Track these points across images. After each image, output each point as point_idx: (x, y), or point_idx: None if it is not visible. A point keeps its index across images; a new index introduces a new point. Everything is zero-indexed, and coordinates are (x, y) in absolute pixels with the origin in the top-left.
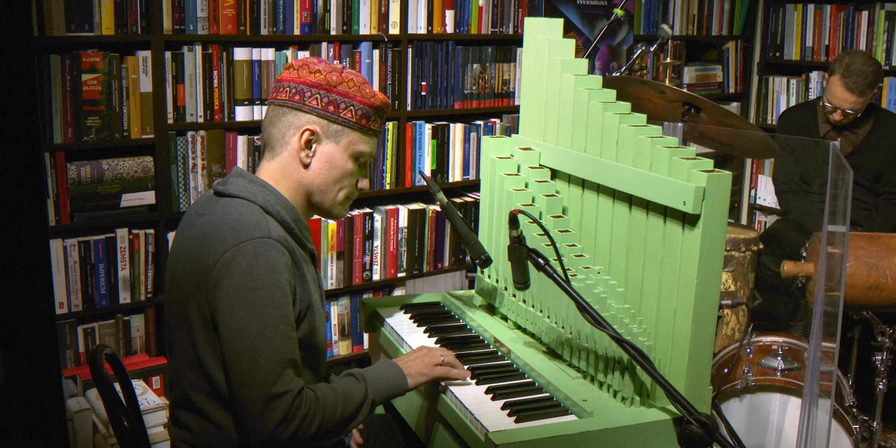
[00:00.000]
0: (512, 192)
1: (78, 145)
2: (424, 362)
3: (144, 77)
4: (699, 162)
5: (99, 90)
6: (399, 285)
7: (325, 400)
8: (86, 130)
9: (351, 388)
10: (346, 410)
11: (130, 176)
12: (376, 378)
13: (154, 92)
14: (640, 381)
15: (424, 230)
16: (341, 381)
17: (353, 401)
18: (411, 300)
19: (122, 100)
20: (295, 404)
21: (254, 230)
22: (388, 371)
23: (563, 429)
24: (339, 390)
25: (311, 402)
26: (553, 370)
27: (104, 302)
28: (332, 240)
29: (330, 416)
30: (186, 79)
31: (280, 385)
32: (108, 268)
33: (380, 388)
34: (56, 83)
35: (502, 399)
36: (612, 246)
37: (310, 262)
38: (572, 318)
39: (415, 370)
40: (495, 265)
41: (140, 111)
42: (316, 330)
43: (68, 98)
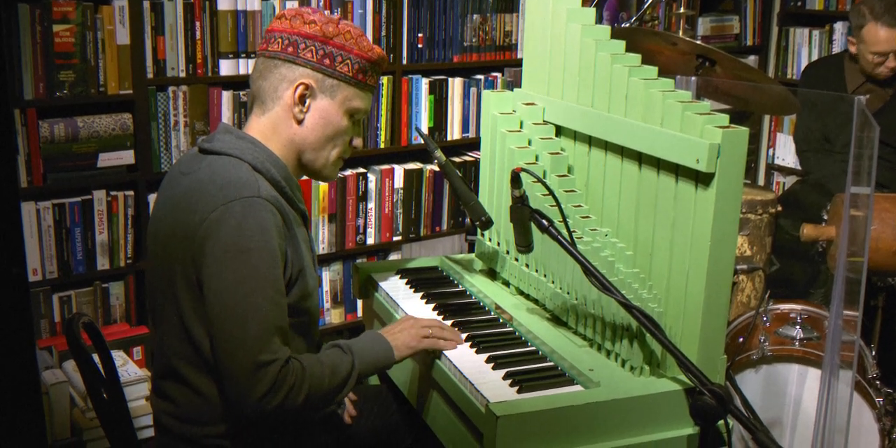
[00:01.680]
0: (514, 150)
1: (50, 102)
2: (411, 334)
3: (121, 28)
4: (714, 117)
5: (72, 42)
6: (394, 249)
7: (312, 371)
8: (58, 85)
9: (337, 360)
10: (333, 382)
11: (108, 134)
12: (363, 350)
13: (132, 44)
14: (649, 350)
15: (421, 191)
16: (327, 353)
17: (339, 373)
18: (407, 265)
19: (97, 53)
20: (282, 374)
21: (242, 189)
22: (375, 343)
23: (568, 399)
24: (325, 362)
25: (298, 373)
26: (558, 338)
27: (81, 268)
28: (323, 201)
29: (316, 387)
30: (166, 30)
31: (268, 353)
32: (84, 232)
33: (366, 361)
34: (25, 35)
35: (504, 368)
36: (621, 207)
37: (301, 224)
38: (578, 282)
39: (401, 342)
40: (496, 227)
41: (117, 65)
42: (308, 295)
43: (39, 51)
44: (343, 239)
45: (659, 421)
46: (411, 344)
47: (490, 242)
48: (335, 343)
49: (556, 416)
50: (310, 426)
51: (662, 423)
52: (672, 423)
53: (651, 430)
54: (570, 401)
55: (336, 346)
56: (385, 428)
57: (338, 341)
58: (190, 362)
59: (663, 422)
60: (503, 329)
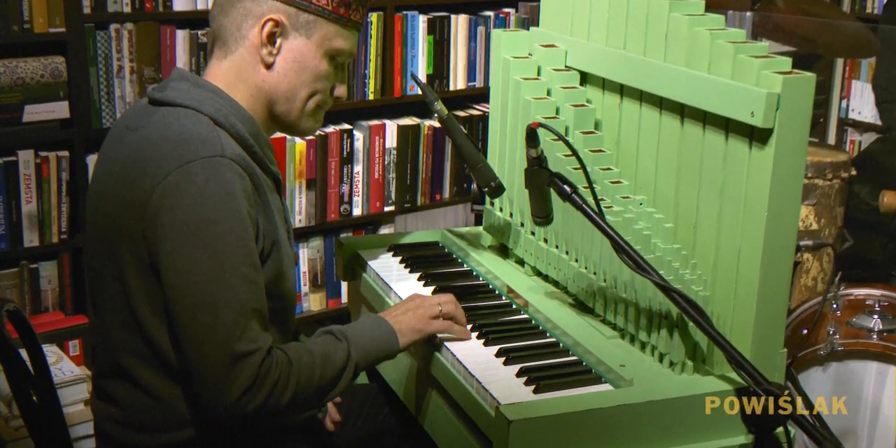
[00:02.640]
0: (530, 102)
1: None
2: (418, 316)
3: None
4: (773, 61)
5: None
6: (386, 222)
7: (300, 363)
8: None
9: (330, 349)
10: (326, 376)
11: (35, 82)
12: (360, 336)
13: None
14: (693, 342)
15: (418, 151)
16: (317, 341)
17: (333, 365)
18: (402, 240)
19: None
20: (265, 367)
21: (203, 147)
22: (375, 328)
23: (595, 401)
24: (315, 351)
25: (283, 366)
26: (582, 327)
27: (4, 245)
28: (300, 164)
29: (306, 383)
30: None
31: (246, 341)
32: (8, 201)
33: (365, 349)
34: None
35: (518, 363)
36: (659, 170)
37: (273, 189)
38: (607, 261)
39: (406, 326)
40: (508, 195)
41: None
42: (283, 274)
43: None
44: (324, 209)
45: (704, 427)
46: (418, 326)
47: (501, 213)
48: (326, 329)
49: (580, 421)
50: (284, 434)
51: (708, 429)
52: (720, 430)
53: (694, 438)
54: (597, 402)
55: (328, 333)
56: (375, 435)
57: (329, 327)
58: (140, 358)
59: (709, 428)
60: (517, 317)
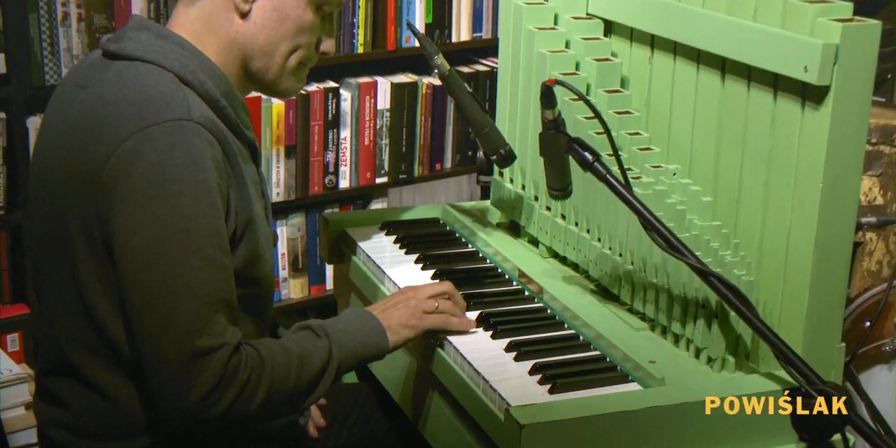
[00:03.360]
0: (546, 56)
1: None
2: (410, 310)
3: None
4: (831, 7)
5: None
6: (378, 196)
7: (273, 362)
8: None
9: (308, 347)
10: (303, 378)
11: None
12: (344, 333)
13: None
14: (735, 335)
15: (416, 114)
16: (294, 337)
17: (311, 365)
18: (397, 216)
19: None
20: (231, 365)
21: (166, 109)
22: (361, 324)
23: (620, 402)
24: (291, 349)
25: (254, 364)
26: (606, 318)
27: None
28: (277, 128)
29: (279, 385)
30: None
31: (210, 336)
32: None
33: (349, 348)
34: None
35: (531, 359)
36: (695, 135)
37: (248, 158)
38: (634, 240)
39: (398, 322)
40: (520, 164)
41: None
42: (259, 257)
43: None
44: (305, 181)
45: (747, 433)
46: (411, 322)
47: (511, 185)
48: (304, 324)
49: (602, 426)
50: (259, 442)
51: (752, 436)
52: (766, 436)
53: (736, 445)
54: (623, 404)
55: (306, 329)
56: (365, 442)
57: (308, 322)
58: (92, 353)
59: (754, 434)
60: (529, 305)
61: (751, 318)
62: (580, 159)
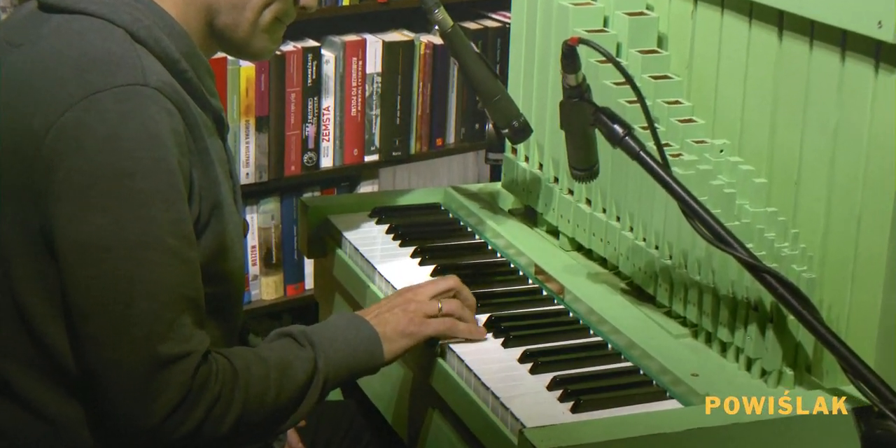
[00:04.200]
0: (568, 9)
1: None
2: (410, 314)
3: None
4: None
5: None
6: (368, 177)
7: (249, 374)
8: None
9: (290, 358)
10: (284, 395)
11: None
12: (332, 342)
13: None
14: (793, 343)
15: (412, 79)
16: (272, 346)
17: (293, 379)
18: (390, 201)
19: None
20: (199, 378)
21: (116, 71)
22: (351, 331)
23: (657, 423)
24: (269, 360)
25: (225, 377)
26: (640, 322)
27: None
28: (246, 96)
29: (256, 402)
30: None
31: (173, 342)
32: None
33: (338, 360)
34: None
35: (549, 372)
36: (747, 103)
37: (214, 132)
38: (674, 230)
39: (394, 329)
40: (536, 138)
41: None
42: (226, 250)
43: None
44: (281, 159)
45: None
46: (409, 329)
47: (526, 164)
48: (284, 331)
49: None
50: None
51: None
52: None
53: None
54: (660, 426)
55: (286, 336)
56: None
57: (288, 328)
58: (28, 367)
59: None
60: (548, 307)
61: (813, 323)
62: (608, 133)
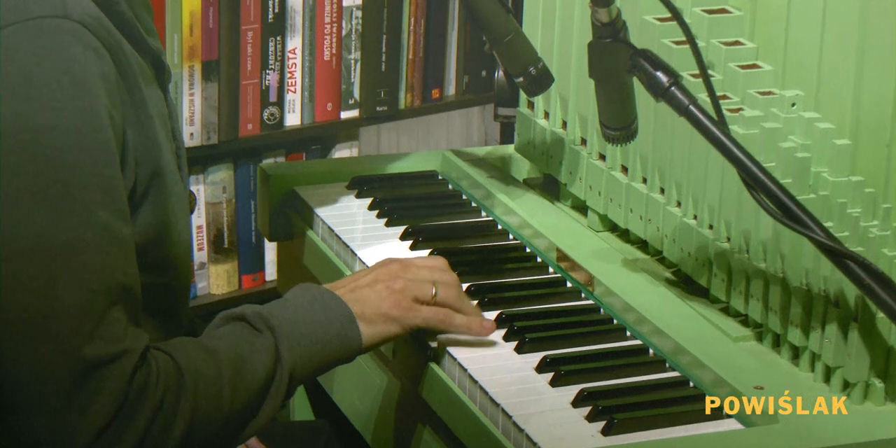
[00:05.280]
0: None
1: None
2: (395, 294)
3: None
4: None
5: None
6: (345, 138)
7: (197, 374)
8: None
9: (245, 349)
10: (240, 395)
11: None
12: (294, 325)
13: None
14: (883, 347)
15: (401, 14)
16: (220, 334)
17: (252, 375)
18: (374, 169)
19: None
20: (137, 383)
21: (30, 1)
22: (318, 309)
23: None
24: (219, 352)
25: (170, 380)
26: (689, 321)
27: None
28: (190, 35)
29: (208, 407)
30: None
31: (103, 341)
32: None
33: (304, 347)
34: None
35: (575, 383)
36: (825, 45)
37: (153, 80)
38: (732, 205)
39: (374, 309)
40: (559, 89)
41: None
42: (169, 230)
43: None
44: (235, 116)
45: None
46: (394, 312)
47: (546, 122)
48: (234, 313)
49: None
50: None
51: None
52: None
53: None
54: None
55: (237, 319)
56: None
57: (239, 310)
58: None
59: None
60: (573, 302)
61: None
62: (650, 82)
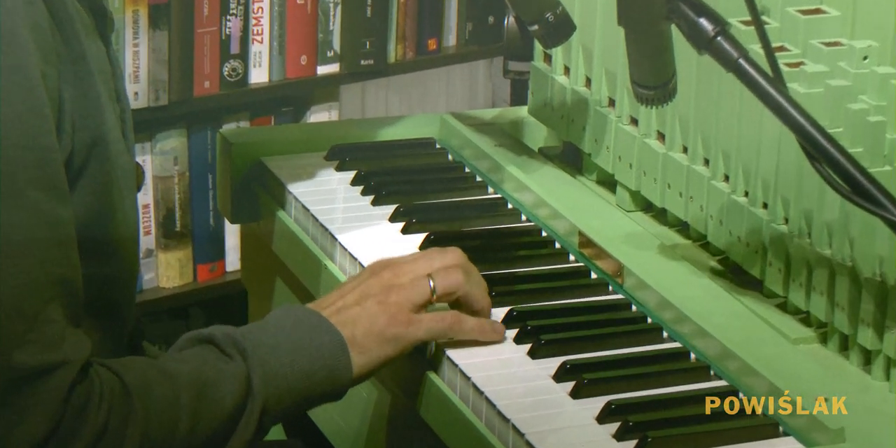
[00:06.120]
0: None
1: None
2: (391, 310)
3: None
4: None
5: None
6: (323, 99)
7: (149, 398)
8: None
9: (210, 375)
10: (201, 428)
11: None
12: (273, 351)
13: None
14: None
15: None
16: (184, 357)
17: (216, 406)
18: (358, 136)
19: None
20: (75, 403)
21: None
22: (302, 334)
23: None
24: (180, 377)
25: (115, 401)
26: (739, 320)
27: None
28: None
29: (160, 438)
30: None
31: (36, 348)
32: None
33: (283, 378)
34: None
35: (600, 395)
36: None
37: (94, 31)
38: (791, 180)
39: (367, 331)
40: (581, 39)
41: None
42: (113, 209)
43: None
44: (189, 72)
45: None
46: (390, 331)
47: (566, 79)
48: (201, 335)
49: None
50: None
51: None
52: None
53: None
54: None
55: (204, 342)
56: None
57: (207, 331)
58: None
59: None
60: (599, 297)
61: None
62: (692, 31)
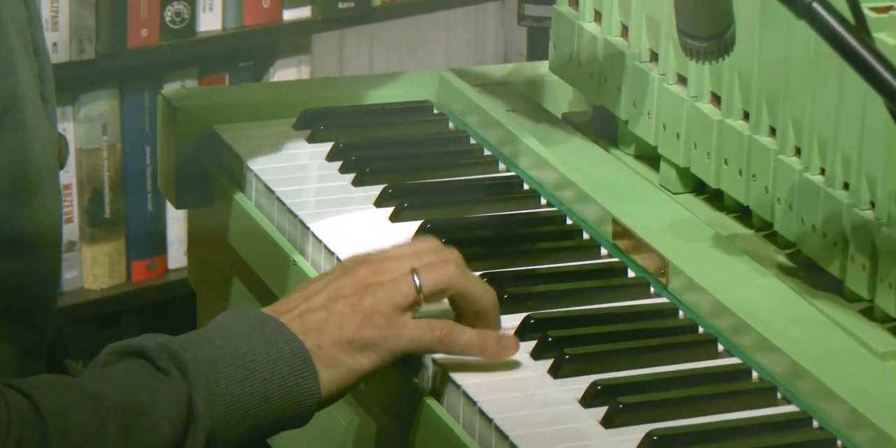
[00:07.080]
0: None
1: None
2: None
3: None
4: None
5: None
6: (290, 52)
7: (67, 425)
8: None
9: (142, 397)
10: None
11: None
12: (220, 366)
13: None
14: None
15: None
16: (109, 374)
17: (150, 435)
18: (335, 99)
19: None
20: None
21: None
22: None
23: None
24: (105, 399)
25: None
26: (815, 331)
27: None
28: None
29: None
30: None
31: None
32: None
33: (233, 400)
34: None
35: (640, 423)
36: None
37: None
38: (879, 156)
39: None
40: None
41: None
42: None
43: None
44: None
45: None
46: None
47: (597, 27)
48: (131, 347)
49: None
50: None
51: None
52: None
53: None
54: None
55: (137, 355)
56: None
57: (138, 341)
58: None
59: None
60: (638, 301)
61: None
62: None
